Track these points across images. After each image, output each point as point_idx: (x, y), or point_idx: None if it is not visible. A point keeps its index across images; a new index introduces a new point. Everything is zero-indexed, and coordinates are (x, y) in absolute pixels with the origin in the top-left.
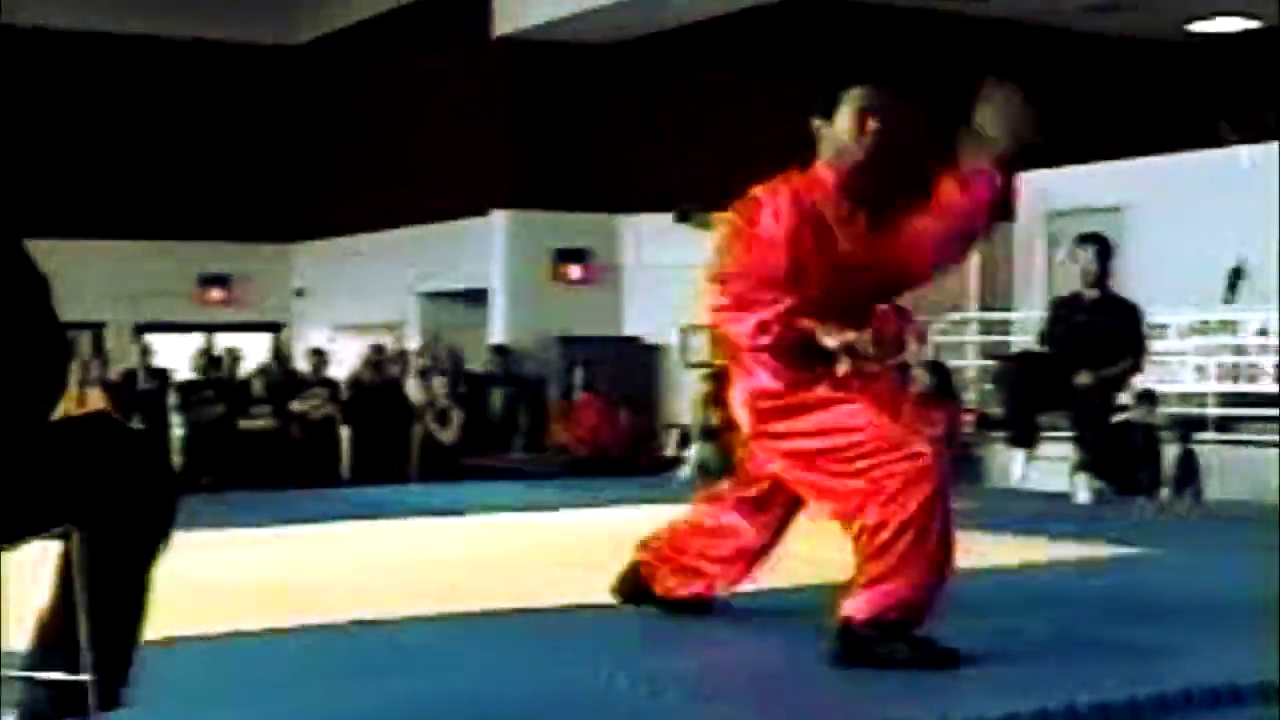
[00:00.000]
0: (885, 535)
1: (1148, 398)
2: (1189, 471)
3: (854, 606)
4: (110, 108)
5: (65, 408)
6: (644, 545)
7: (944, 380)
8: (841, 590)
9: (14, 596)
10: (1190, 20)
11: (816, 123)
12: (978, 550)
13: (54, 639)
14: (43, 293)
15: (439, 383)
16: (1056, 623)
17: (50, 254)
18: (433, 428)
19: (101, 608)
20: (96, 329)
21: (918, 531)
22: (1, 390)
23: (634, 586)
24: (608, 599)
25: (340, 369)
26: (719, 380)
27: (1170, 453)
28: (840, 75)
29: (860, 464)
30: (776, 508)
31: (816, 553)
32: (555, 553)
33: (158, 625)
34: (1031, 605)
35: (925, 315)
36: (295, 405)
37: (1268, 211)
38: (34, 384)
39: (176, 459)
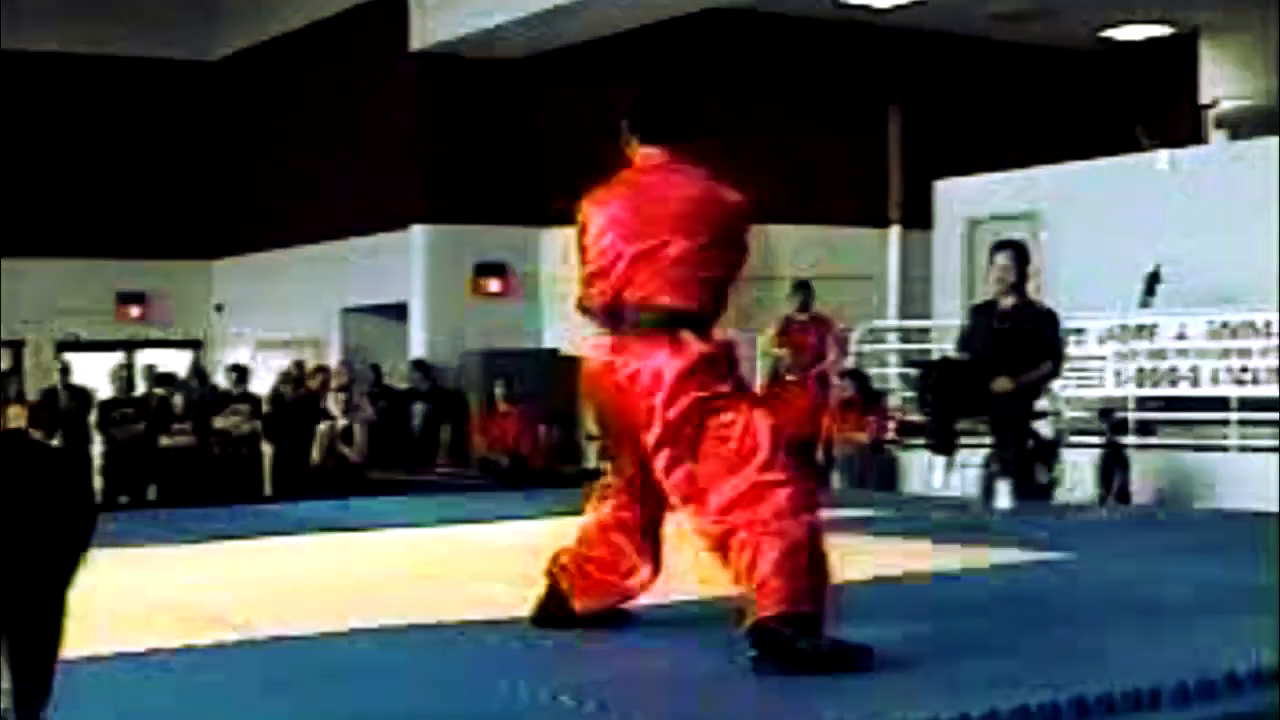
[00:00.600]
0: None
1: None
2: (1114, 474)
3: (765, 604)
4: (27, 126)
5: None
6: (555, 564)
7: (865, 388)
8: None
9: None
10: (1103, 28)
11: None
12: (897, 556)
13: None
14: None
15: (335, 399)
16: (975, 627)
17: None
18: (339, 445)
19: (18, 626)
20: (16, 347)
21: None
22: None
23: (554, 610)
24: (526, 612)
25: (262, 385)
26: None
27: (1094, 456)
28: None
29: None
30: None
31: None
32: (474, 566)
33: (78, 643)
34: (948, 610)
35: (845, 324)
36: (217, 422)
37: (1185, 215)
38: None
39: (97, 477)
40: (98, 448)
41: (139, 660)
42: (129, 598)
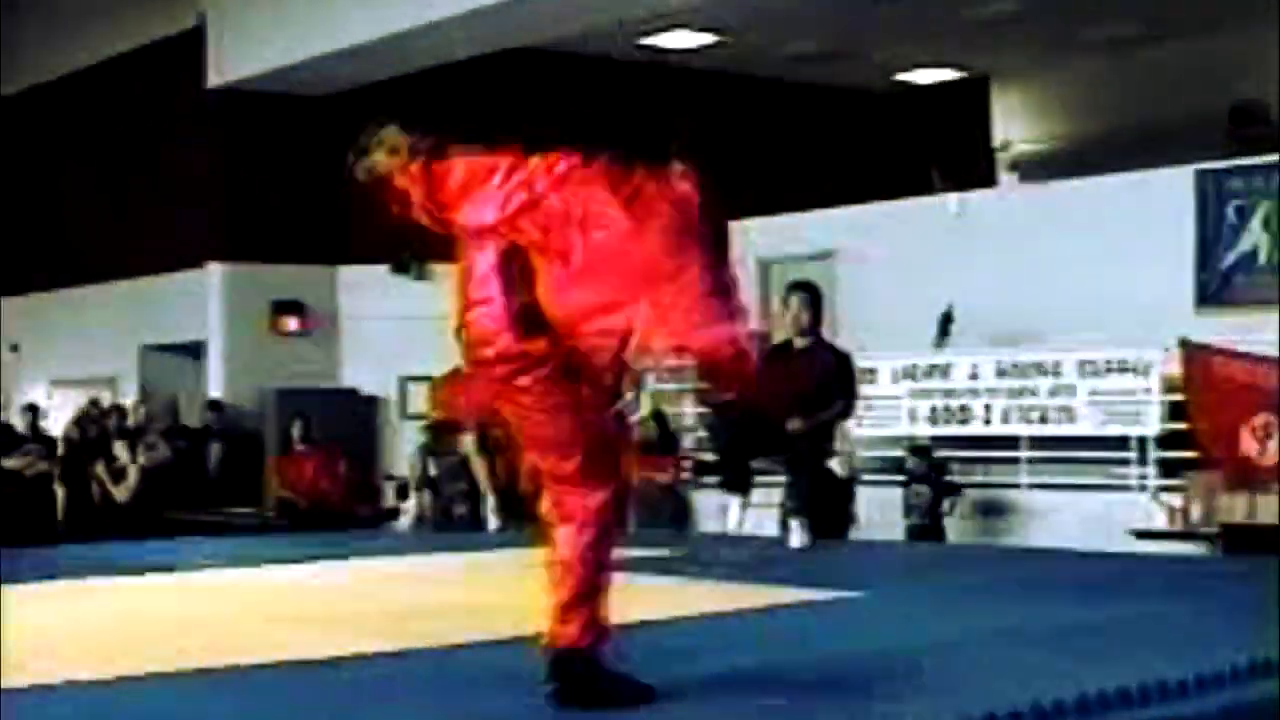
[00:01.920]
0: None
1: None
2: (928, 509)
3: (569, 636)
4: None
5: None
6: None
7: (665, 430)
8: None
9: None
10: (898, 71)
11: None
12: (690, 596)
13: None
14: None
15: (120, 440)
16: (772, 666)
17: None
18: (109, 486)
19: None
20: None
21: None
22: None
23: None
24: (314, 654)
25: (58, 424)
26: (435, 431)
27: (891, 494)
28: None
29: None
30: None
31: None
32: (264, 608)
33: None
34: (744, 649)
35: (645, 364)
36: (8, 463)
37: (975, 256)
38: None
39: None
40: None
41: None
42: None
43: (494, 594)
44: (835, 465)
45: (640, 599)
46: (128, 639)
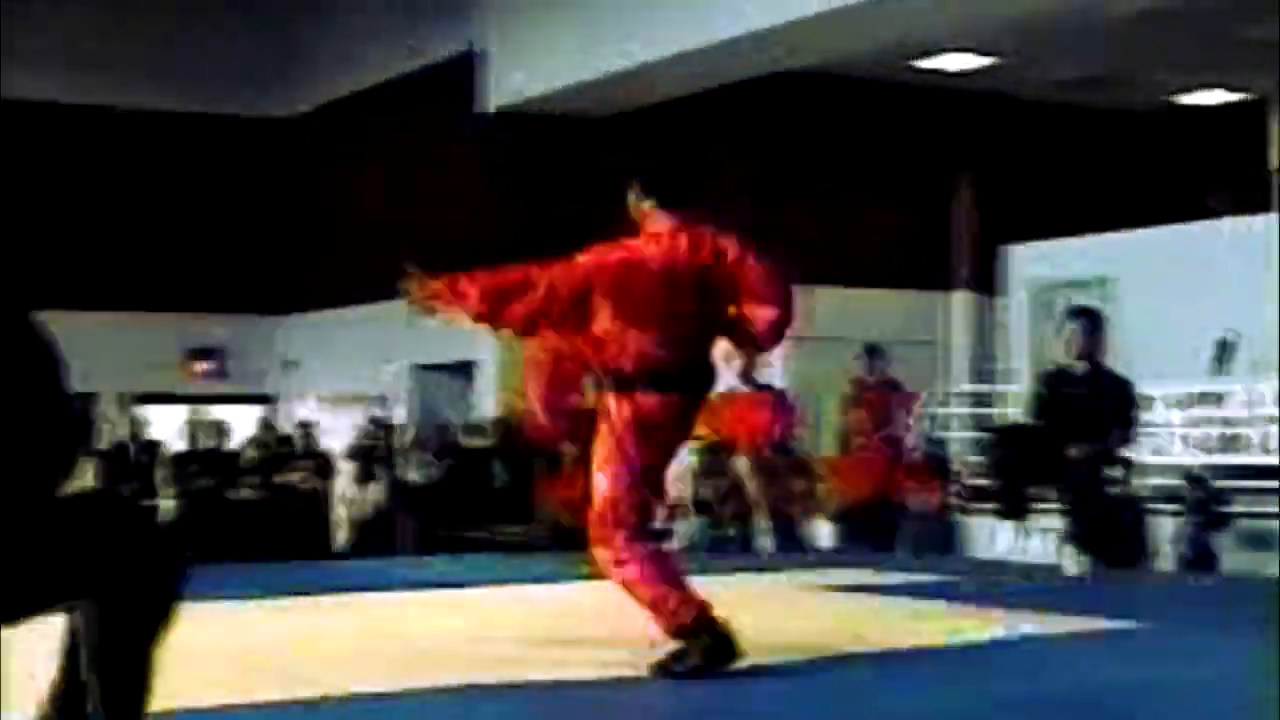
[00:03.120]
0: None
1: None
2: (1198, 541)
3: None
4: (105, 180)
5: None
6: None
7: (937, 453)
8: None
9: (19, 669)
10: (1175, 93)
11: None
12: (960, 621)
13: (61, 712)
14: (52, 368)
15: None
16: (1040, 694)
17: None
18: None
19: (108, 681)
20: (87, 400)
21: None
22: (11, 466)
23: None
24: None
25: (330, 440)
26: (708, 453)
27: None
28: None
29: None
30: None
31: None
32: (548, 627)
33: (155, 698)
34: (1011, 675)
35: (920, 389)
36: (283, 478)
37: (1255, 283)
38: (43, 459)
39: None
40: (168, 502)
41: (214, 716)
42: (198, 652)
43: (766, 617)
44: (1116, 493)
45: (909, 624)
46: (409, 651)
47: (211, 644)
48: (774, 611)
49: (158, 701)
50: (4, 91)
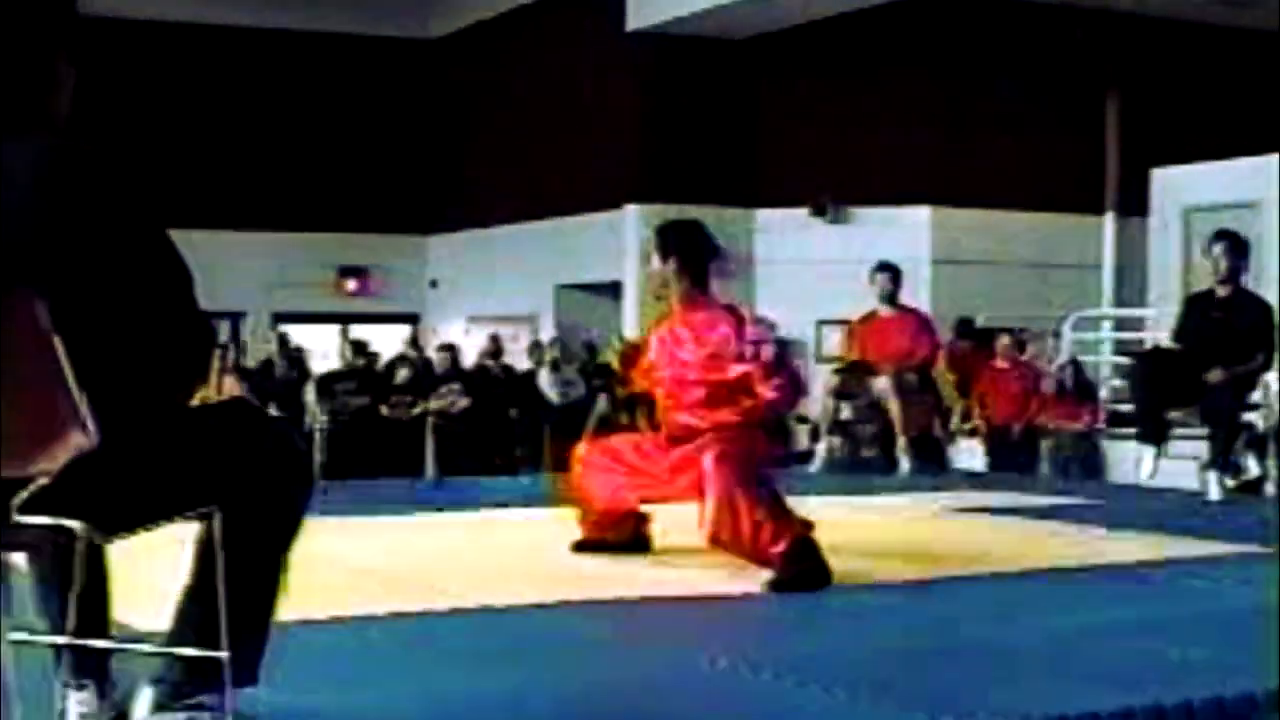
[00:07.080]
0: None
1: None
2: None
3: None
4: (251, 102)
5: (204, 394)
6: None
7: (1080, 377)
8: None
9: (147, 575)
10: None
11: None
12: (1100, 545)
13: (192, 616)
14: (185, 282)
15: (548, 377)
16: (1167, 617)
17: (190, 244)
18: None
19: (239, 587)
20: (235, 318)
21: None
22: (144, 376)
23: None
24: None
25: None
26: (848, 374)
27: None
28: None
29: None
30: None
31: None
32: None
33: (290, 606)
34: (1141, 599)
35: (1063, 312)
36: (432, 404)
37: None
38: (175, 370)
39: (317, 450)
40: (319, 419)
41: (350, 624)
42: (339, 565)
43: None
44: (1256, 418)
45: (1050, 545)
46: (545, 566)
47: (352, 555)
48: (921, 531)
49: (302, 609)
50: (169, 15)
